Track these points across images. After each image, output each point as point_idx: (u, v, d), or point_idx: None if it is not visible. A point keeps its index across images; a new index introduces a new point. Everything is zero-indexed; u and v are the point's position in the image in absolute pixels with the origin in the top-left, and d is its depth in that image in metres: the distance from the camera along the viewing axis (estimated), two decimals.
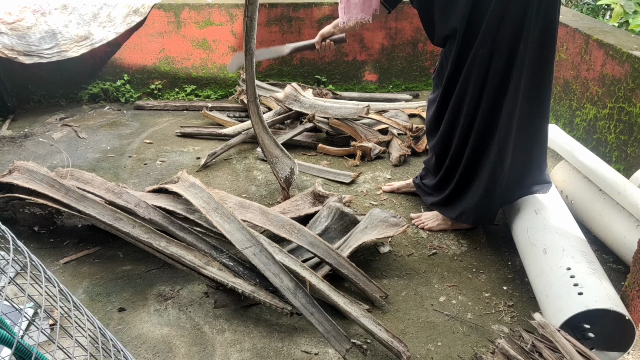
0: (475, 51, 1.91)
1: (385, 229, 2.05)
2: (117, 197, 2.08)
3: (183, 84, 3.92)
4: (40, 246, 2.17)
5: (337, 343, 1.60)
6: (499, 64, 1.90)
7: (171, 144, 3.18)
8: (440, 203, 2.32)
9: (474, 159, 2.11)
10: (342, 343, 1.60)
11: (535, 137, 2.04)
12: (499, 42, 1.87)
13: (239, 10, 3.74)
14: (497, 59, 1.89)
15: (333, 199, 2.25)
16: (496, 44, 1.88)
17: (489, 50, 1.89)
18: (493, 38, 1.87)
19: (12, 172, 2.18)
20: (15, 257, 0.84)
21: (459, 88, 2.02)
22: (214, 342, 1.71)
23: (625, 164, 2.61)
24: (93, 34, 3.51)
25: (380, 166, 2.95)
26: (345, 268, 1.86)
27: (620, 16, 4.01)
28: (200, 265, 1.83)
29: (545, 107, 1.98)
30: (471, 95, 1.99)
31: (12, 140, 3.18)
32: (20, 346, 0.80)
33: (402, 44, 3.97)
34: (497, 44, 1.87)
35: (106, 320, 1.79)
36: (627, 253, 1.98)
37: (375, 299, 1.86)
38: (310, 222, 2.19)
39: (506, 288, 2.00)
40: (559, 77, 3.26)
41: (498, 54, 1.89)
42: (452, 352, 1.70)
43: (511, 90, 1.92)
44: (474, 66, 1.94)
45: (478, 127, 2.03)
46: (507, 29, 1.84)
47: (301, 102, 3.17)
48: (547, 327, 1.56)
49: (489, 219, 2.22)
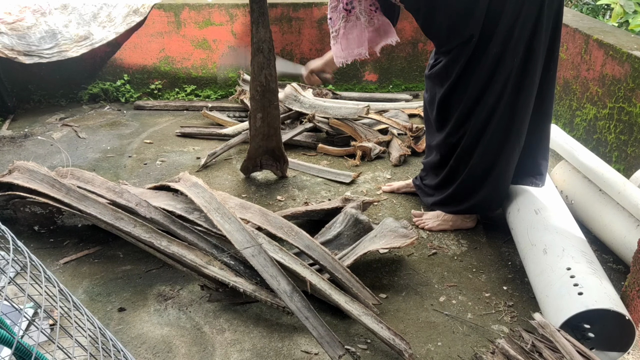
0: (490, 51, 1.91)
1: (393, 239, 2.03)
2: (118, 197, 2.08)
3: (183, 84, 3.92)
4: (40, 246, 2.17)
5: (330, 349, 1.59)
6: (515, 63, 1.91)
7: (171, 144, 3.18)
8: (443, 202, 2.33)
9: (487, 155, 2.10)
10: (336, 349, 1.59)
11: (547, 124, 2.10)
12: (515, 41, 1.88)
13: (239, 10, 3.74)
14: (512, 57, 1.90)
15: (351, 205, 2.24)
16: (512, 43, 1.88)
17: (504, 49, 1.90)
18: (509, 37, 1.88)
19: (12, 172, 2.18)
20: (15, 257, 0.84)
21: (472, 89, 2.01)
22: (214, 342, 1.71)
23: (625, 164, 2.61)
24: (93, 34, 3.51)
25: (380, 166, 2.95)
26: (339, 273, 1.85)
27: (619, 16, 4.01)
28: (201, 265, 1.83)
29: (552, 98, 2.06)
30: (489, 95, 1.99)
31: (12, 140, 3.18)
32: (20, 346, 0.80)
33: (402, 44, 3.97)
34: (513, 42, 1.88)
35: (106, 320, 1.79)
36: (627, 253, 1.98)
37: (368, 305, 1.84)
38: (326, 226, 2.19)
39: (506, 288, 2.00)
40: (559, 77, 3.26)
41: (514, 52, 1.89)
42: (452, 352, 1.70)
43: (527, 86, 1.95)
44: (491, 67, 1.94)
45: (495, 126, 2.03)
46: (524, 27, 1.86)
47: (301, 102, 3.17)
48: (547, 327, 1.56)
49: (500, 205, 2.30)
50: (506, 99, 1.97)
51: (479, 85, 1.99)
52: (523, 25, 1.85)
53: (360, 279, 1.88)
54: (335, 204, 2.30)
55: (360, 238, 2.11)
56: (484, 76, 1.97)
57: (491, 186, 2.17)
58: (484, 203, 2.22)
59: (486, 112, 2.02)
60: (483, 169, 2.15)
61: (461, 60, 1.98)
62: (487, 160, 2.12)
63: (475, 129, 2.07)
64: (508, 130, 2.04)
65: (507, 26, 1.86)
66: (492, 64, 1.93)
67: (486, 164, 2.13)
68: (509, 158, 2.10)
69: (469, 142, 2.11)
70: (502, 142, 2.06)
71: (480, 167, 2.14)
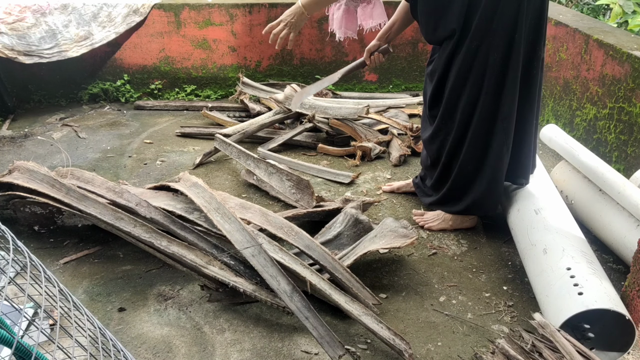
0: (470, 45, 1.95)
1: (393, 239, 2.03)
2: (118, 197, 2.08)
3: (183, 84, 3.92)
4: (40, 246, 2.17)
5: (331, 349, 1.59)
6: (496, 57, 1.93)
7: (171, 144, 3.18)
8: (439, 202, 2.33)
9: (474, 151, 2.12)
10: (336, 349, 1.59)
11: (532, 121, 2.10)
12: (493, 35, 1.90)
13: (239, 10, 3.74)
14: (492, 52, 1.93)
15: (351, 205, 2.25)
16: (490, 38, 1.91)
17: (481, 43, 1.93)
18: (487, 31, 1.90)
19: (12, 172, 2.18)
20: (15, 257, 0.84)
21: (454, 83, 2.04)
22: (214, 342, 1.71)
23: (625, 164, 2.61)
24: (93, 34, 3.51)
25: (380, 166, 2.95)
26: (339, 273, 1.85)
27: (619, 16, 4.01)
28: (201, 265, 1.83)
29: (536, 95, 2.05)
30: (470, 88, 2.02)
31: (12, 140, 3.18)
32: (20, 346, 0.80)
33: (402, 44, 3.97)
34: (491, 37, 1.91)
35: (106, 320, 1.79)
36: (627, 253, 1.98)
37: (369, 305, 1.84)
38: (326, 226, 2.19)
39: (506, 288, 2.00)
40: (559, 77, 3.26)
41: (494, 47, 1.92)
42: (452, 352, 1.70)
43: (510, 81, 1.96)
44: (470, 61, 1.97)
45: (477, 122, 2.05)
46: (502, 22, 1.88)
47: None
48: (547, 327, 1.56)
49: (496, 205, 2.28)
50: (488, 92, 1.99)
51: (461, 79, 2.02)
52: (501, 19, 1.88)
53: (360, 279, 1.88)
54: (336, 204, 2.30)
55: (360, 238, 2.11)
56: (464, 70, 2.00)
57: (482, 185, 2.17)
58: (478, 203, 2.22)
59: (469, 105, 2.04)
60: (473, 167, 2.16)
61: (445, 55, 2.02)
62: (475, 156, 2.13)
63: (462, 123, 2.09)
64: (492, 126, 2.05)
65: (485, 20, 1.89)
66: (471, 58, 1.97)
67: (475, 161, 2.14)
68: (497, 156, 2.09)
69: (456, 137, 2.13)
70: (487, 137, 2.08)
71: (470, 164, 2.15)
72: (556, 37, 3.24)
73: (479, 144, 2.10)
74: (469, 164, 2.15)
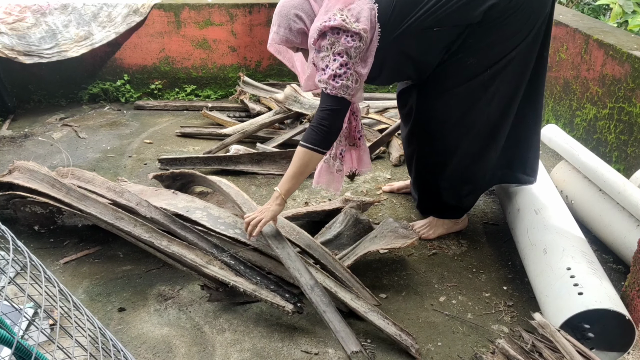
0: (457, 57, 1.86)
1: (393, 239, 2.03)
2: (118, 196, 2.08)
3: (183, 84, 3.92)
4: (40, 246, 2.17)
5: (345, 344, 1.60)
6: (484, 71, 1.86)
7: (171, 144, 3.18)
8: (419, 206, 2.33)
9: (435, 143, 2.06)
10: (350, 344, 1.59)
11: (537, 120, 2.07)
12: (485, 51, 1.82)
13: (239, 10, 3.74)
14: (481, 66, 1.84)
15: (350, 205, 2.25)
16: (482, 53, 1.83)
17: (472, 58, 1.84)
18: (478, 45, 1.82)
19: (12, 172, 2.18)
20: (15, 257, 0.84)
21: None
22: (214, 342, 1.71)
23: (625, 164, 2.61)
24: (93, 34, 3.51)
25: (380, 166, 2.95)
26: (340, 273, 1.86)
27: (619, 16, 4.01)
28: (201, 264, 1.83)
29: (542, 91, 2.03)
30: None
31: (12, 140, 3.18)
32: (20, 346, 0.80)
33: None
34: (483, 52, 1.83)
35: (106, 320, 1.79)
36: (627, 253, 1.98)
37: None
38: (326, 226, 2.19)
39: (506, 288, 2.00)
40: (559, 77, 3.26)
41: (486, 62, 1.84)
42: (452, 352, 1.70)
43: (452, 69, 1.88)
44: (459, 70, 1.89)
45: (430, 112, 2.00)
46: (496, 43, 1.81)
47: (301, 103, 3.16)
48: (547, 327, 1.56)
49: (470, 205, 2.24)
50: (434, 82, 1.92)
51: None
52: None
53: (360, 279, 1.88)
54: (336, 204, 2.30)
55: (360, 238, 2.11)
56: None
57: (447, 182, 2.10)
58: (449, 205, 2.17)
59: (422, 96, 1.98)
60: (434, 162, 2.09)
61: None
62: (437, 150, 2.06)
63: (420, 116, 2.03)
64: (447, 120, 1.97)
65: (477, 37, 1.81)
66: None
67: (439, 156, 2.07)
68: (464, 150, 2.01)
69: (417, 131, 2.08)
70: (445, 130, 1.99)
71: (431, 160, 2.10)
72: (556, 37, 3.24)
73: (438, 136, 2.02)
74: (430, 159, 2.10)
